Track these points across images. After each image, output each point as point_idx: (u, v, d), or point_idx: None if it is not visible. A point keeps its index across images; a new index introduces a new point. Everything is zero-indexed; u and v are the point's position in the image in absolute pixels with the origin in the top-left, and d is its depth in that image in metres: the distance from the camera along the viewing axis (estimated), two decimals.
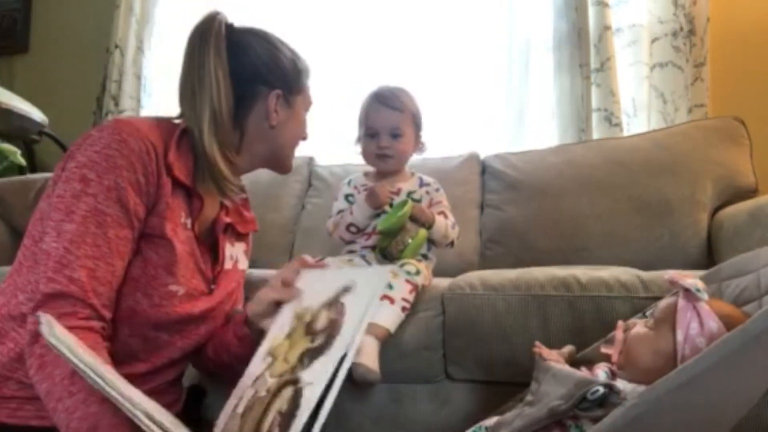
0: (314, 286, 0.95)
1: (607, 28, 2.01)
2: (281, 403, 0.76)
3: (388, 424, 1.20)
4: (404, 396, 1.21)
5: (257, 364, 0.89)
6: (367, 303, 0.81)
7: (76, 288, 0.80)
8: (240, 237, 1.13)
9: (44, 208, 0.89)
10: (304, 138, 1.12)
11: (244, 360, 0.92)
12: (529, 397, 0.92)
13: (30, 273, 0.87)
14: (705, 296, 0.84)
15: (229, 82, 0.97)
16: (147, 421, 0.65)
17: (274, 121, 1.03)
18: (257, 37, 1.04)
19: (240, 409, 0.81)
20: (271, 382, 0.81)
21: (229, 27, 1.01)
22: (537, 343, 1.01)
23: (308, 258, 1.02)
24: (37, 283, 0.83)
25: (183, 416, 1.00)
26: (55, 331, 0.68)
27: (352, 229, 1.35)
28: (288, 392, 0.77)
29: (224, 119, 0.96)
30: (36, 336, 0.78)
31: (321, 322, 0.85)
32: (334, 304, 0.86)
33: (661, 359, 0.83)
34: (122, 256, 0.86)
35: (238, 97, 0.99)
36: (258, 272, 1.43)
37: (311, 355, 0.80)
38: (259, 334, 0.96)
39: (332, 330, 0.82)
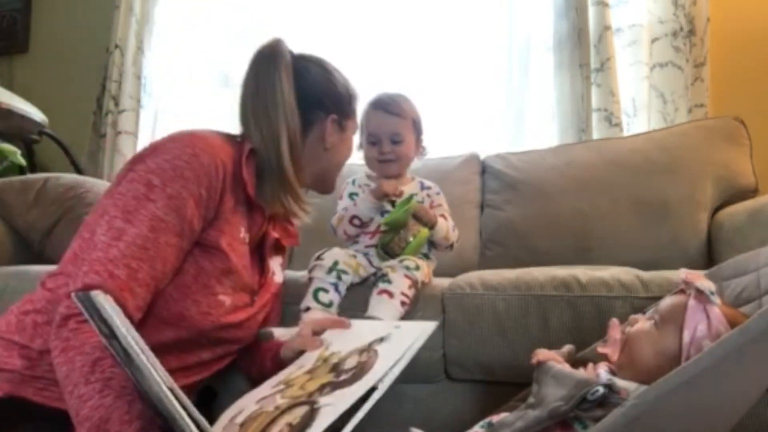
0: (346, 337, 0.93)
1: (607, 28, 2.01)
2: (292, 417, 0.73)
3: (388, 424, 1.19)
4: (404, 396, 1.21)
5: (265, 389, 0.87)
6: (405, 348, 0.78)
7: (114, 284, 0.81)
8: (278, 250, 1.16)
9: (105, 204, 0.91)
10: (349, 158, 1.18)
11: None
12: (531, 400, 0.92)
13: (84, 264, 0.88)
14: (718, 300, 0.82)
15: (296, 107, 1.02)
16: (179, 408, 0.63)
17: (329, 144, 1.09)
18: (315, 65, 1.10)
19: (239, 420, 0.78)
20: (281, 401, 0.79)
21: (292, 53, 1.06)
22: (535, 351, 1.00)
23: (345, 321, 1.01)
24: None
25: None
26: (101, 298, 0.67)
27: (356, 221, 1.35)
28: (302, 410, 0.74)
29: (297, 141, 1.01)
30: (66, 319, 0.79)
31: (349, 364, 0.82)
32: (366, 350, 0.83)
33: (664, 359, 0.82)
34: (167, 262, 0.87)
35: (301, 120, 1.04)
36: None
37: (333, 386, 0.77)
38: None
39: (361, 371, 0.78)
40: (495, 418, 0.93)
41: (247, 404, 0.83)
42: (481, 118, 2.26)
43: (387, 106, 1.37)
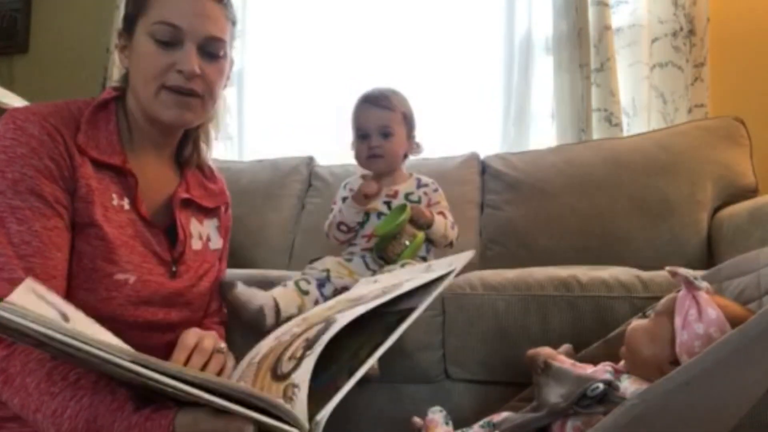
0: (371, 285, 0.92)
1: (607, 28, 2.01)
2: (309, 334, 0.70)
3: (388, 424, 1.20)
4: (404, 396, 1.21)
5: (283, 328, 0.85)
6: (436, 275, 0.76)
7: None
8: (210, 213, 1.05)
9: None
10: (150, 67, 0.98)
11: None
12: (534, 404, 0.92)
13: None
14: (703, 284, 0.84)
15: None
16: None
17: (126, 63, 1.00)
18: None
19: (257, 359, 0.75)
20: (297, 329, 0.77)
21: None
22: (536, 350, 1.00)
23: None
24: None
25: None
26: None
27: (343, 228, 1.35)
28: (318, 327, 0.71)
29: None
30: None
31: (373, 293, 0.80)
32: (393, 284, 0.82)
33: (658, 346, 0.84)
34: (59, 247, 0.80)
35: None
36: (260, 272, 1.43)
37: (352, 306, 0.75)
38: None
39: (384, 294, 0.76)
40: (496, 418, 0.93)
41: (265, 343, 0.82)
42: (481, 118, 2.26)
43: (375, 100, 1.35)
